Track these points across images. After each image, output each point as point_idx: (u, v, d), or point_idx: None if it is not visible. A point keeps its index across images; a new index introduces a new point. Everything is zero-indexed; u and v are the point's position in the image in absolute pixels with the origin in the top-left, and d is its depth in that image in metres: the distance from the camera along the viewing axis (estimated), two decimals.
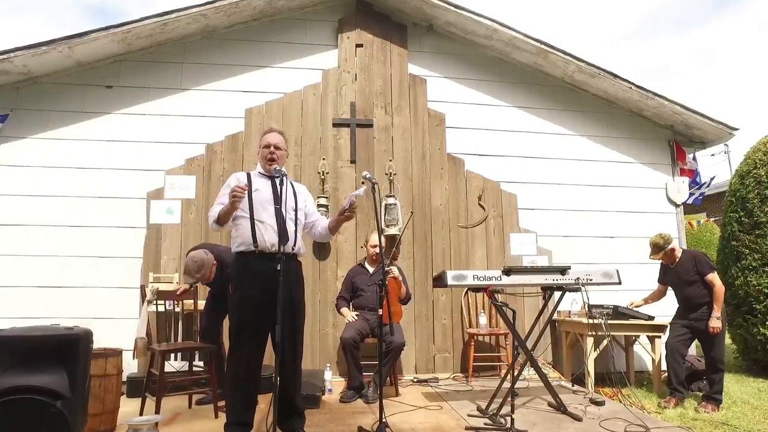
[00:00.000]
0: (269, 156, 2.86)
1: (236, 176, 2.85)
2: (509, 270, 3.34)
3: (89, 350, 2.30)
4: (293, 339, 2.78)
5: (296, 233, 2.83)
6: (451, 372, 4.78)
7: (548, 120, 5.38)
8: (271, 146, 2.88)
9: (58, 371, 2.13)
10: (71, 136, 4.73)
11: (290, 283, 2.76)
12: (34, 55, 4.48)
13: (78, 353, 2.18)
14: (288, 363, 2.76)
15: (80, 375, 2.19)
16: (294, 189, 2.94)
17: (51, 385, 2.09)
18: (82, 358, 2.21)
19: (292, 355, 2.78)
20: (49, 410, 2.07)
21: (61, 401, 2.10)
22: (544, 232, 5.14)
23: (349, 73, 5.17)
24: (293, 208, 2.86)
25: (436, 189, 5.12)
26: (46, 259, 4.52)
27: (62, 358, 2.14)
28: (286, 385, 2.77)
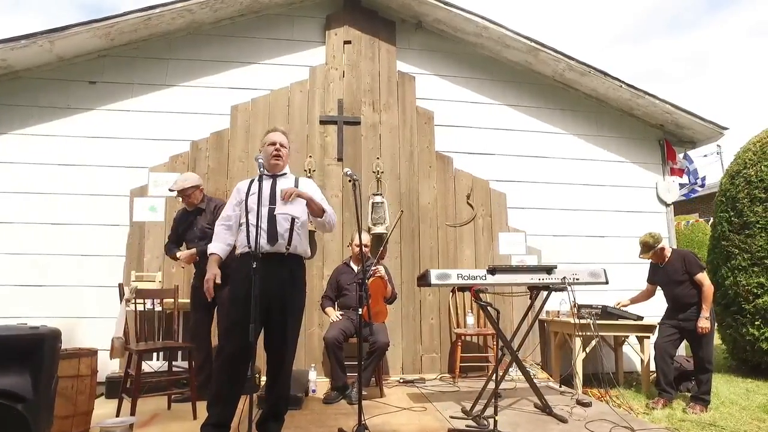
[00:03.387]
0: (274, 153, 2.83)
1: (238, 188, 2.91)
2: (494, 269, 3.28)
3: (56, 351, 2.22)
4: (282, 342, 2.71)
5: (291, 232, 2.75)
6: (438, 372, 4.72)
7: (538, 118, 5.34)
8: (276, 143, 2.85)
9: (21, 372, 2.04)
10: (53, 132, 4.64)
11: (283, 283, 2.69)
12: (13, 49, 4.39)
13: (42, 354, 2.10)
14: (274, 366, 2.71)
15: (45, 376, 2.11)
16: (296, 185, 2.87)
17: (12, 387, 2.01)
18: (47, 359, 2.12)
19: (279, 358, 2.72)
20: (10, 413, 1.99)
21: (23, 404, 2.02)
22: (534, 231, 5.10)
23: (336, 70, 5.11)
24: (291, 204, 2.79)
25: (424, 187, 5.06)
26: (27, 257, 4.44)
27: (26, 359, 2.06)
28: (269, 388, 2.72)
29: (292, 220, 2.76)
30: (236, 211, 2.82)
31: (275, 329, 2.67)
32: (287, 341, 2.71)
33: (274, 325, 2.66)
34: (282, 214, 2.72)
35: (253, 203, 2.68)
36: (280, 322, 2.66)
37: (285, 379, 2.75)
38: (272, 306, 2.60)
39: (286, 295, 2.69)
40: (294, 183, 2.88)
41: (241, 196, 2.81)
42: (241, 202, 2.80)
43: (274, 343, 2.69)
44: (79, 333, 4.34)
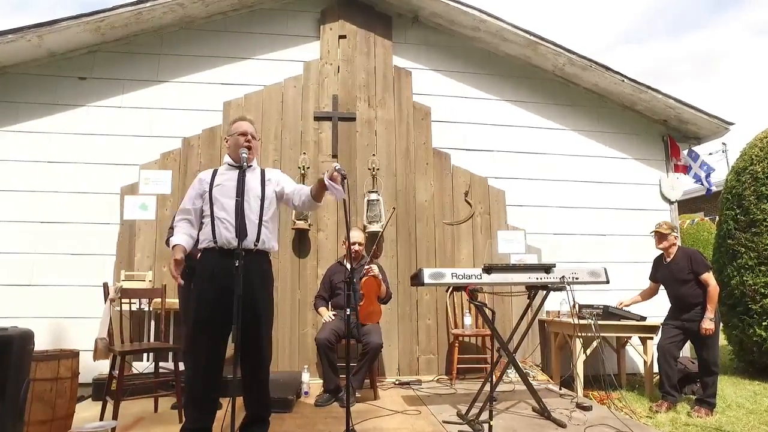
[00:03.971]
0: (245, 144, 2.69)
1: (200, 177, 2.72)
2: (490, 268, 3.17)
3: (26, 353, 2.13)
4: (256, 343, 2.61)
5: (260, 227, 2.65)
6: (435, 374, 4.61)
7: (538, 114, 5.21)
8: (248, 134, 2.72)
9: None
10: (42, 129, 4.56)
11: (252, 281, 2.59)
12: (2, 44, 4.32)
13: (10, 356, 2.01)
14: (250, 368, 2.60)
15: (13, 380, 2.01)
16: (263, 178, 2.75)
17: None
18: (16, 362, 2.03)
19: (256, 359, 2.60)
20: None
21: None
22: (533, 229, 4.98)
23: (331, 65, 5.01)
24: (258, 197, 2.67)
25: (420, 184, 4.95)
26: (15, 256, 4.35)
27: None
28: (248, 390, 2.61)
29: (261, 213, 2.64)
30: (197, 204, 2.64)
31: (249, 330, 2.52)
32: (262, 342, 2.61)
33: (248, 326, 2.51)
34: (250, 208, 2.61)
35: (220, 195, 2.57)
36: (253, 322, 2.54)
37: (264, 384, 2.64)
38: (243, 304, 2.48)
39: (256, 294, 2.57)
40: (260, 175, 2.72)
41: (204, 187, 2.64)
42: (204, 193, 2.63)
43: (249, 346, 2.53)
44: (69, 334, 4.25)
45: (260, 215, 2.65)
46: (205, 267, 2.54)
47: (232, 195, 2.58)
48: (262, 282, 2.66)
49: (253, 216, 2.61)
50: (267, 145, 4.81)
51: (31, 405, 2.64)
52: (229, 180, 2.62)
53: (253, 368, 2.60)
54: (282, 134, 4.85)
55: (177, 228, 2.66)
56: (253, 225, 2.61)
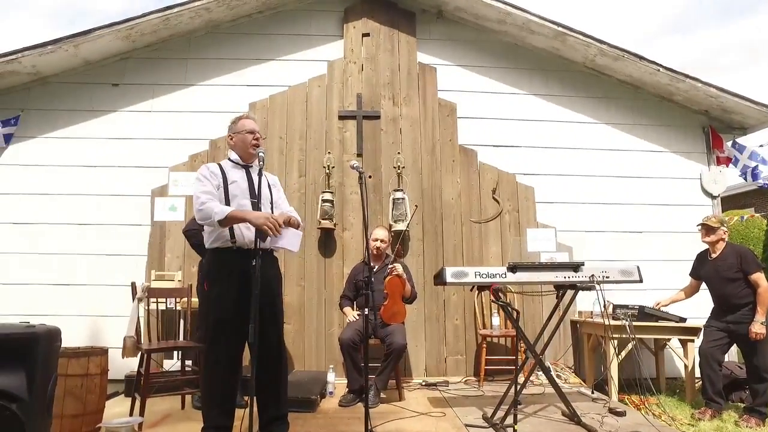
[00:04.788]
0: (254, 142, 2.69)
1: (209, 168, 2.64)
2: (515, 266, 3.06)
3: (52, 350, 2.18)
4: (276, 341, 2.62)
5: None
6: (463, 375, 4.51)
7: (568, 108, 5.03)
8: (255, 132, 2.72)
9: (16, 372, 2.01)
10: (79, 135, 4.74)
11: (270, 280, 2.60)
12: (41, 55, 4.51)
13: (36, 353, 2.06)
14: (271, 365, 2.60)
15: (40, 376, 2.07)
16: (268, 181, 2.77)
17: (6, 386, 1.98)
18: (42, 358, 2.08)
19: (275, 356, 2.61)
20: (4, 413, 1.96)
21: (17, 404, 1.99)
22: (564, 227, 4.80)
23: (355, 64, 4.99)
24: (269, 201, 2.70)
25: (447, 182, 4.86)
26: (55, 257, 4.55)
27: (20, 359, 2.02)
28: (268, 390, 2.61)
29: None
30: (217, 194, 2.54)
31: (270, 330, 2.53)
32: (282, 341, 2.62)
33: (268, 326, 2.53)
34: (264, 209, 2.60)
35: (238, 192, 2.56)
36: (273, 321, 2.54)
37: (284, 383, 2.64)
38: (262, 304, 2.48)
39: (274, 293, 2.58)
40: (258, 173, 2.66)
41: (219, 180, 2.58)
42: (220, 186, 2.56)
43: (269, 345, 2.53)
44: (104, 331, 4.41)
45: None
46: (222, 267, 2.54)
47: (247, 195, 2.59)
48: (278, 282, 2.68)
49: None
50: (292, 145, 4.84)
51: (64, 400, 2.74)
52: (240, 179, 2.63)
53: (274, 367, 2.60)
54: (307, 134, 4.87)
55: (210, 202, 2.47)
56: None
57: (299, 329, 4.58)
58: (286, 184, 4.76)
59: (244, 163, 2.71)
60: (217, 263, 2.56)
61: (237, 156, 2.73)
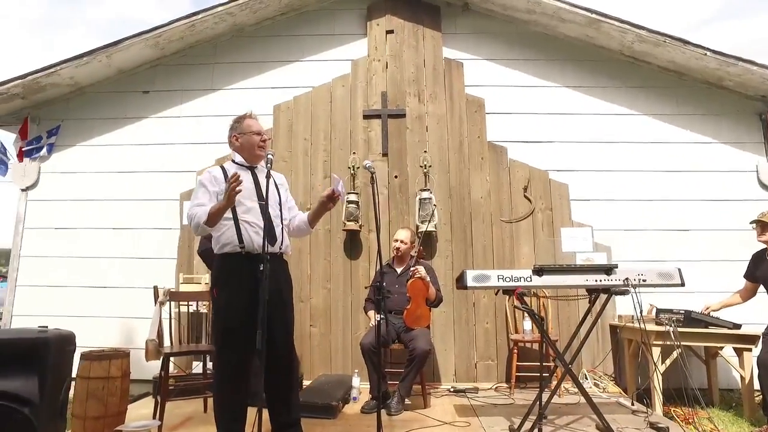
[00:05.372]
0: (261, 143, 2.64)
1: (211, 173, 2.58)
2: (541, 269, 2.87)
3: (65, 354, 2.22)
4: (288, 347, 2.56)
5: (283, 231, 2.60)
6: (494, 381, 4.33)
7: (604, 99, 4.73)
8: (262, 133, 2.67)
9: (29, 376, 2.06)
10: (112, 142, 4.90)
11: (280, 285, 2.54)
12: (78, 66, 4.69)
13: (48, 357, 2.09)
14: (281, 371, 2.54)
15: (51, 380, 2.10)
16: (275, 181, 2.70)
17: (18, 390, 2.02)
18: (54, 363, 2.12)
19: (286, 362, 2.55)
20: (16, 416, 2.00)
21: (30, 407, 2.02)
22: (602, 225, 4.52)
23: (379, 62, 4.90)
24: (277, 202, 2.64)
25: (475, 180, 4.69)
26: (91, 260, 4.71)
27: (32, 363, 2.07)
28: (278, 396, 2.55)
29: (281, 217, 2.59)
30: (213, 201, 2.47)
31: (280, 335, 2.48)
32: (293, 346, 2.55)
33: (279, 331, 2.48)
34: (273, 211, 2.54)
35: (241, 197, 2.49)
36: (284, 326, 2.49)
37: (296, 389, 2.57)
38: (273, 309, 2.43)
39: (285, 298, 2.51)
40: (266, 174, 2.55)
41: (221, 185, 2.50)
42: (221, 193, 2.47)
43: (280, 351, 2.48)
44: (136, 333, 4.52)
45: (281, 218, 2.61)
46: (231, 272, 2.50)
47: (254, 197, 2.54)
48: (288, 286, 2.62)
49: (277, 220, 2.57)
50: (317, 146, 4.81)
51: (87, 402, 2.79)
52: (246, 181, 2.57)
53: (285, 373, 2.54)
54: (331, 134, 4.82)
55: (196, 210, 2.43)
56: (279, 229, 2.57)
57: (325, 332, 4.53)
58: (311, 185, 4.74)
59: (249, 164, 2.67)
60: (225, 269, 2.52)
61: (242, 158, 2.68)
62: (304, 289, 4.60)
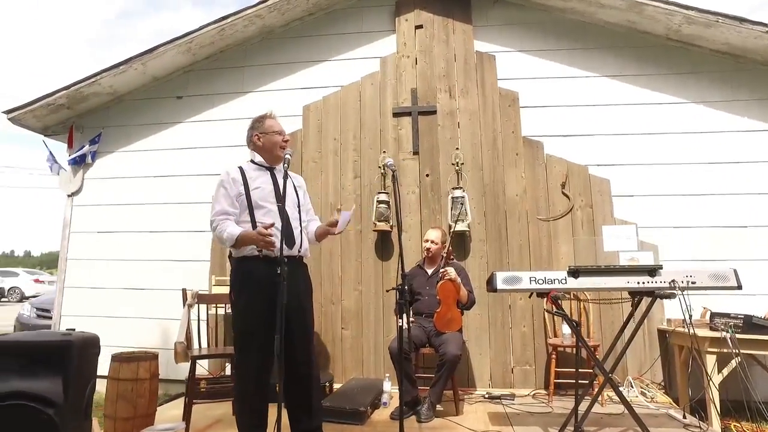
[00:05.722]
0: (282, 144, 2.60)
1: (229, 174, 2.56)
2: (576, 271, 2.69)
3: (87, 356, 2.24)
4: (307, 353, 2.50)
5: (302, 234, 2.55)
6: (532, 387, 4.13)
7: (648, 87, 4.42)
8: (283, 133, 2.63)
9: (53, 378, 2.08)
10: (148, 147, 5.03)
11: (299, 290, 2.49)
12: (116, 75, 4.84)
13: (71, 360, 2.12)
14: (302, 376, 2.49)
15: (75, 382, 2.12)
16: (294, 182, 2.65)
17: (43, 392, 2.05)
18: (78, 365, 2.14)
19: (306, 368, 2.49)
20: (40, 417, 2.03)
21: (54, 409, 2.05)
22: (647, 222, 4.22)
23: (408, 58, 4.78)
24: (296, 204, 2.59)
25: (510, 177, 4.50)
26: (130, 263, 4.85)
27: (56, 365, 2.09)
28: (299, 402, 2.49)
29: (300, 219, 2.53)
30: (236, 207, 2.48)
31: (299, 341, 2.43)
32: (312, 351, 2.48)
33: (298, 336, 2.42)
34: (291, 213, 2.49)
35: (260, 199, 2.46)
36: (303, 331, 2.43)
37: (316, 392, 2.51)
38: (291, 314, 2.37)
39: (303, 302, 2.45)
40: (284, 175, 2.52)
41: (239, 189, 2.50)
42: (240, 196, 2.49)
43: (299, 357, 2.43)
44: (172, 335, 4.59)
45: (300, 221, 2.56)
46: (249, 276, 2.46)
47: (272, 199, 2.49)
48: (307, 289, 2.56)
49: (295, 222, 2.52)
50: (346, 146, 4.75)
51: (117, 402, 2.84)
52: (265, 182, 2.53)
53: (305, 379, 2.48)
54: (361, 134, 4.75)
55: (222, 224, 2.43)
56: (297, 231, 2.52)
57: (357, 335, 4.46)
58: (341, 185, 4.69)
59: (268, 165, 2.62)
60: (243, 273, 2.49)
61: (261, 158, 2.65)
62: (335, 291, 4.55)
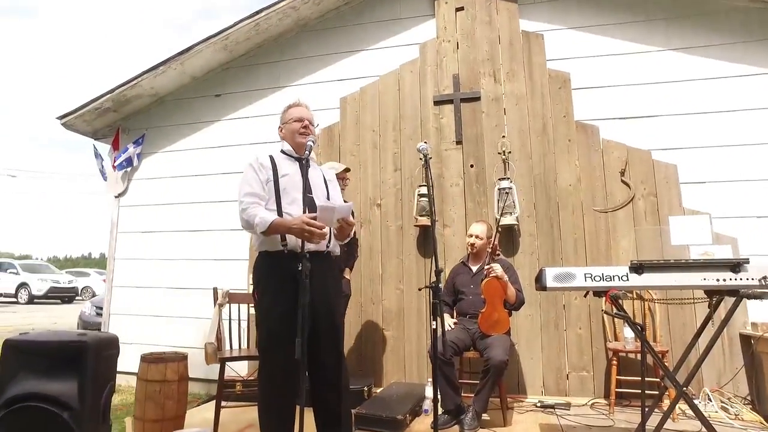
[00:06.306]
0: (302, 130, 2.43)
1: (258, 159, 2.41)
2: (640, 266, 2.33)
3: (104, 358, 2.14)
4: (335, 355, 2.30)
5: (330, 228, 2.35)
6: (590, 396, 3.75)
7: (723, 59, 3.90)
8: (304, 120, 2.45)
9: (68, 381, 2.00)
10: (188, 147, 5.04)
11: (326, 288, 2.29)
12: (156, 76, 4.87)
13: (86, 362, 2.03)
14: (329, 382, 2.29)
15: (91, 385, 2.03)
16: (324, 175, 2.48)
17: (58, 394, 1.97)
18: (93, 367, 2.05)
19: (333, 373, 2.29)
20: (56, 420, 1.95)
21: (69, 412, 1.96)
22: (723, 212, 3.72)
23: (449, 42, 4.50)
24: (324, 196, 2.40)
25: (562, 166, 4.12)
26: (172, 262, 4.87)
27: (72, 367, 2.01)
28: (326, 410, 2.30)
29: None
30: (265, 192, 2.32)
31: (326, 343, 2.24)
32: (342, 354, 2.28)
33: (324, 338, 2.23)
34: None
35: (289, 186, 2.28)
36: (331, 332, 2.24)
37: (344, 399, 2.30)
38: (319, 315, 2.18)
39: (331, 301, 2.25)
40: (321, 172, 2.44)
41: (268, 174, 2.33)
42: (269, 182, 2.32)
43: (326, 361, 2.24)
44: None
45: None
46: (273, 272, 2.29)
47: (299, 189, 2.31)
48: (336, 286, 2.36)
49: None
50: (385, 137, 4.54)
51: (145, 404, 2.77)
52: (293, 172, 2.36)
53: (332, 385, 2.29)
54: (400, 124, 4.53)
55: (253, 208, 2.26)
56: None
57: (398, 336, 4.24)
58: (381, 179, 4.49)
59: (297, 155, 2.46)
60: (266, 269, 2.32)
61: (289, 147, 2.48)
62: (376, 291, 4.35)
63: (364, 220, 4.46)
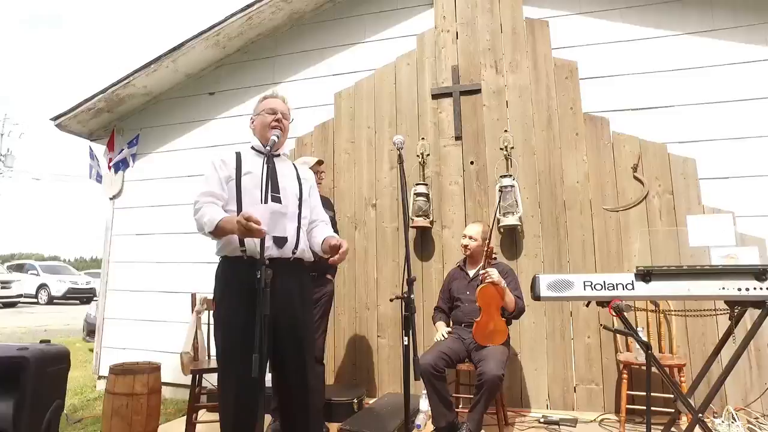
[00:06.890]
0: (273, 123, 2.20)
1: (222, 159, 2.19)
2: (648, 273, 2.05)
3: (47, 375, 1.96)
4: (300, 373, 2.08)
5: (299, 231, 2.13)
6: (599, 411, 3.46)
7: (746, 41, 3.55)
8: (277, 112, 2.24)
9: (5, 401, 1.82)
10: (183, 146, 4.91)
11: (292, 299, 2.07)
12: (148, 75, 4.74)
13: (26, 379, 1.85)
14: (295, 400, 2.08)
15: (30, 404, 1.85)
16: (298, 173, 2.25)
17: None
18: (32, 386, 1.87)
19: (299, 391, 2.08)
20: None
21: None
22: (748, 211, 3.38)
23: (448, 32, 4.25)
24: (296, 196, 2.17)
25: (569, 161, 3.83)
26: (166, 265, 4.73)
27: (8, 387, 1.83)
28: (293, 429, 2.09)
29: (299, 214, 2.10)
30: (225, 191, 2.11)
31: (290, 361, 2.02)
32: (308, 374, 2.04)
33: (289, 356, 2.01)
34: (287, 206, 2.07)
35: (252, 185, 2.06)
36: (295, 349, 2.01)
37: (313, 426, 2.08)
38: (282, 331, 1.96)
39: (297, 313, 2.03)
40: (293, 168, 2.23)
41: (230, 171, 2.11)
42: (230, 180, 2.10)
43: (290, 379, 2.03)
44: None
45: (299, 216, 2.14)
46: (231, 281, 2.08)
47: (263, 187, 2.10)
48: (303, 298, 2.13)
49: (292, 217, 2.11)
50: (381, 134, 4.31)
51: (111, 419, 2.59)
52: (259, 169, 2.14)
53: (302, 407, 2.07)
54: (397, 120, 4.29)
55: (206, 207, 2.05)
56: (293, 228, 2.11)
57: (395, 344, 4.01)
58: (376, 177, 4.26)
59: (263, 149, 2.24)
60: (224, 277, 2.11)
61: (258, 142, 2.27)
62: (371, 296, 4.13)
63: (359, 222, 4.24)
